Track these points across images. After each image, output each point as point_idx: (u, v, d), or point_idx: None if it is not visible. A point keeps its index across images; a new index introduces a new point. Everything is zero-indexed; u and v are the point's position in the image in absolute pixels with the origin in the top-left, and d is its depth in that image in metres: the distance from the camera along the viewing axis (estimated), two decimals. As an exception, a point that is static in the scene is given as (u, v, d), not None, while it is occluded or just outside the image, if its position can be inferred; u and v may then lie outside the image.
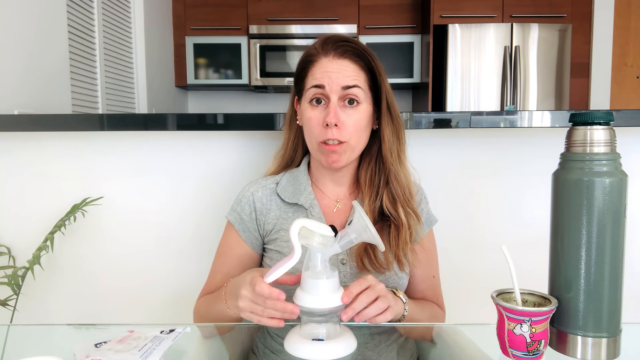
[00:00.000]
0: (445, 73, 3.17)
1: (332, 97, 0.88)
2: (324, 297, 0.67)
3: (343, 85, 0.87)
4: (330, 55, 0.89)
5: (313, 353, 0.66)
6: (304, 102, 0.92)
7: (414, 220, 0.92)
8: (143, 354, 0.64)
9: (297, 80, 0.95)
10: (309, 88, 0.90)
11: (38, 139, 1.30)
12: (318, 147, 0.90)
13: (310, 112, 0.90)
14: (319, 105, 0.89)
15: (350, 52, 0.90)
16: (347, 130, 0.88)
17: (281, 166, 1.02)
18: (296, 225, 0.68)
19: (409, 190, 0.93)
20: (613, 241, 0.61)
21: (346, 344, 0.68)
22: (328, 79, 0.88)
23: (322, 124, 0.88)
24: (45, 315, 1.34)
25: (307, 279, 0.68)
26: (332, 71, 0.88)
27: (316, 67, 0.90)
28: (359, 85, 0.89)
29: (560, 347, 0.65)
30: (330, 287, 0.68)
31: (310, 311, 0.67)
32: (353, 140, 0.89)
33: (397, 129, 0.93)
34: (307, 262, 0.69)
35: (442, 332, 0.86)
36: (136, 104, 2.95)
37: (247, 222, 0.96)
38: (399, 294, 0.86)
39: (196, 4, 3.51)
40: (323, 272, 0.68)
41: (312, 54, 0.92)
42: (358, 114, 0.89)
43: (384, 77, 0.92)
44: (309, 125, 0.90)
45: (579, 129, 0.64)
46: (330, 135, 0.87)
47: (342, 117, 0.87)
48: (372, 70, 0.91)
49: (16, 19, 1.79)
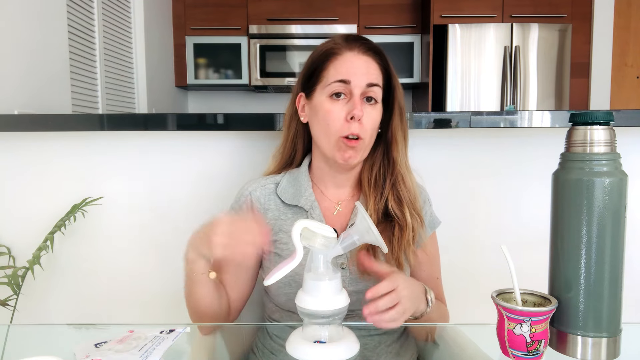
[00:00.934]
0: (445, 73, 3.17)
1: (355, 92, 0.86)
2: (327, 299, 0.67)
3: (368, 83, 0.87)
4: (355, 50, 0.88)
5: (315, 356, 0.66)
6: (322, 96, 0.89)
7: (418, 223, 0.92)
8: (143, 354, 0.64)
9: (312, 74, 0.92)
10: (332, 82, 0.87)
11: (38, 139, 1.30)
12: (337, 141, 0.87)
13: (330, 106, 0.87)
14: (339, 99, 0.87)
15: (373, 50, 0.90)
16: (365, 127, 0.87)
17: (280, 166, 1.00)
18: (298, 226, 0.67)
19: (414, 193, 0.93)
20: (613, 241, 0.61)
21: (348, 346, 0.68)
22: (354, 75, 0.86)
23: (345, 117, 0.86)
24: (45, 315, 1.34)
25: (309, 280, 0.68)
26: (358, 66, 0.87)
27: (340, 61, 0.88)
28: (379, 85, 0.89)
29: (560, 347, 0.65)
30: (333, 288, 0.68)
31: (312, 313, 0.67)
32: (368, 138, 0.88)
33: (405, 131, 0.93)
34: (309, 263, 0.69)
35: (442, 332, 0.86)
36: (136, 104, 2.95)
37: None
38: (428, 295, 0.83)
39: (196, 4, 3.51)
40: (325, 274, 0.68)
41: (333, 47, 0.90)
42: (375, 112, 0.89)
43: (397, 80, 0.92)
44: (328, 118, 0.87)
45: (579, 129, 0.64)
46: (353, 129, 0.85)
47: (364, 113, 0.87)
48: (388, 71, 0.91)
49: (16, 19, 1.79)
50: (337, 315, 0.68)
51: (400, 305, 0.72)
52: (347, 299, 0.69)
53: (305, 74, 0.93)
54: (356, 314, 0.91)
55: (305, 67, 0.94)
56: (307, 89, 0.92)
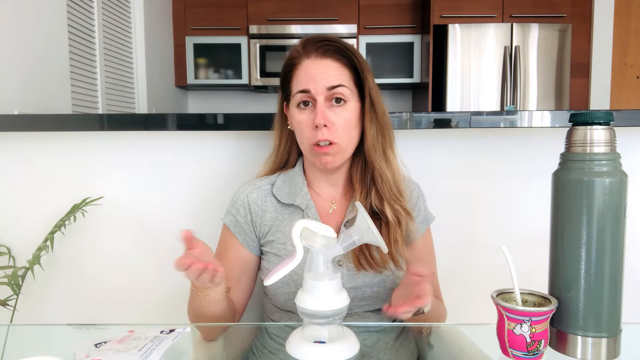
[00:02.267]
0: (445, 73, 3.17)
1: (319, 99, 0.87)
2: (327, 299, 0.67)
3: (328, 86, 0.87)
4: (312, 56, 0.89)
5: (315, 356, 0.66)
6: (292, 107, 0.91)
7: (405, 218, 0.91)
8: (143, 354, 0.64)
9: (282, 85, 0.95)
10: (295, 93, 0.89)
11: (38, 139, 1.30)
12: (310, 149, 0.89)
13: (299, 116, 0.89)
14: (306, 107, 0.89)
15: (332, 50, 0.89)
16: (336, 131, 0.87)
17: (272, 171, 1.01)
18: (298, 227, 0.67)
19: (396, 188, 0.92)
20: (613, 241, 0.61)
21: (349, 346, 0.68)
22: (313, 82, 0.87)
23: (312, 125, 0.87)
24: (45, 315, 1.34)
25: (309, 280, 0.68)
26: (315, 73, 0.87)
27: (299, 71, 0.89)
28: (343, 84, 0.88)
29: (560, 347, 0.65)
30: (333, 288, 0.67)
31: (312, 313, 0.67)
32: (344, 141, 0.88)
33: (382, 125, 0.92)
34: (309, 263, 0.69)
35: (442, 332, 0.86)
36: (136, 104, 2.95)
37: (242, 225, 0.95)
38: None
39: (196, 4, 3.51)
40: (325, 274, 0.68)
41: (294, 57, 0.91)
42: (346, 113, 0.88)
43: (367, 74, 0.91)
44: (300, 128, 0.90)
45: (579, 129, 0.64)
46: (320, 136, 0.86)
47: (330, 117, 0.87)
48: (355, 67, 0.90)
49: (16, 19, 1.79)
50: (337, 315, 0.68)
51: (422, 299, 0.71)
52: (347, 298, 0.69)
53: (280, 84, 0.96)
54: (355, 312, 0.91)
55: (280, 77, 0.96)
56: (285, 99, 0.95)
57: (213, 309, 0.84)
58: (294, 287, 0.88)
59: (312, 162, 0.92)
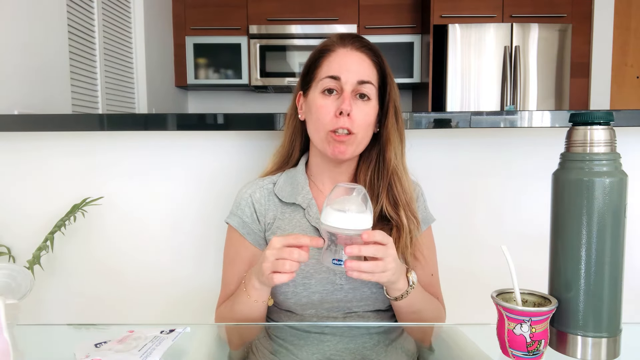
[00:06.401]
0: (445, 73, 3.17)
1: (346, 88, 0.88)
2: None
3: (358, 80, 0.88)
4: (348, 47, 0.90)
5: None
6: (315, 92, 0.91)
7: (414, 225, 0.92)
8: (143, 354, 0.64)
9: (308, 71, 0.94)
10: (324, 78, 0.89)
11: (38, 139, 1.30)
12: (326, 136, 0.89)
13: (321, 101, 0.89)
14: (330, 95, 0.89)
15: (367, 48, 0.90)
16: (357, 122, 0.87)
17: (279, 163, 1.02)
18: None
19: (410, 195, 0.93)
20: (613, 241, 0.61)
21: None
22: (346, 71, 0.88)
23: (334, 112, 0.87)
24: (45, 315, 1.34)
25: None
26: (350, 62, 0.88)
27: (333, 57, 0.90)
28: (372, 82, 0.89)
29: (560, 347, 0.65)
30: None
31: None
32: (361, 133, 0.89)
33: (401, 132, 0.94)
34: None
35: (442, 332, 0.86)
36: (136, 104, 2.95)
37: (250, 224, 0.95)
38: (410, 275, 0.85)
39: (196, 4, 3.51)
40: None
41: (327, 45, 0.92)
42: (368, 109, 0.89)
43: (393, 80, 0.93)
44: (319, 113, 0.89)
45: (579, 129, 0.64)
46: (341, 123, 0.86)
47: (354, 108, 0.87)
48: (383, 71, 0.91)
49: (16, 18, 1.79)
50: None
51: (382, 262, 0.73)
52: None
53: (303, 72, 0.96)
54: (355, 312, 0.91)
55: (304, 66, 0.96)
56: (305, 87, 0.95)
57: (255, 314, 0.85)
58: (292, 287, 0.89)
59: (323, 150, 0.90)
